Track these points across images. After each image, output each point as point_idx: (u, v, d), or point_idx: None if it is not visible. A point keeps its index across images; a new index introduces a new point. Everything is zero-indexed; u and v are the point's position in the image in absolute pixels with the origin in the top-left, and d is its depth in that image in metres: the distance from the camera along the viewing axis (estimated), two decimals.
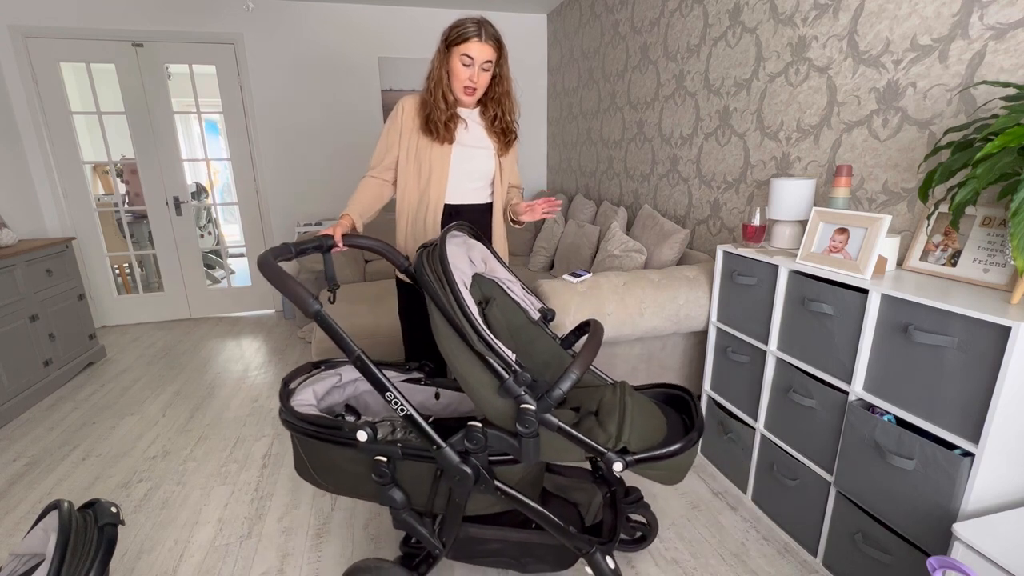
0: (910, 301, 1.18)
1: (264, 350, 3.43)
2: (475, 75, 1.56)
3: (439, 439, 1.10)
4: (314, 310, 1.02)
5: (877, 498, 1.30)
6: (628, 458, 1.05)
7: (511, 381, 1.01)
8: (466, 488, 1.12)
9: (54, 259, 2.97)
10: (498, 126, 1.69)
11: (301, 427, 1.18)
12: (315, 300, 1.02)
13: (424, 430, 1.10)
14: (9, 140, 3.36)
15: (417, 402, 1.50)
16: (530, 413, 1.00)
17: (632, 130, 3.12)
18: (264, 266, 1.06)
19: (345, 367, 1.45)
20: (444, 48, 1.57)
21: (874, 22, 1.58)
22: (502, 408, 1.05)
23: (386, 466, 1.14)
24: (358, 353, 1.06)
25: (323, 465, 1.23)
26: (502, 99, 1.67)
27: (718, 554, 1.59)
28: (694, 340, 2.16)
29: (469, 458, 1.10)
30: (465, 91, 1.58)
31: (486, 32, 1.54)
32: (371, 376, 1.08)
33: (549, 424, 1.03)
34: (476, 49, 1.53)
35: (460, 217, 1.70)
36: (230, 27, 3.68)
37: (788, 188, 1.66)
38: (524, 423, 1.01)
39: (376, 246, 1.47)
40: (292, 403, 1.25)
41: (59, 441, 2.34)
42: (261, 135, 3.93)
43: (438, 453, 1.10)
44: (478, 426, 1.07)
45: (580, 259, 2.88)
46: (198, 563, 1.61)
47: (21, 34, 3.34)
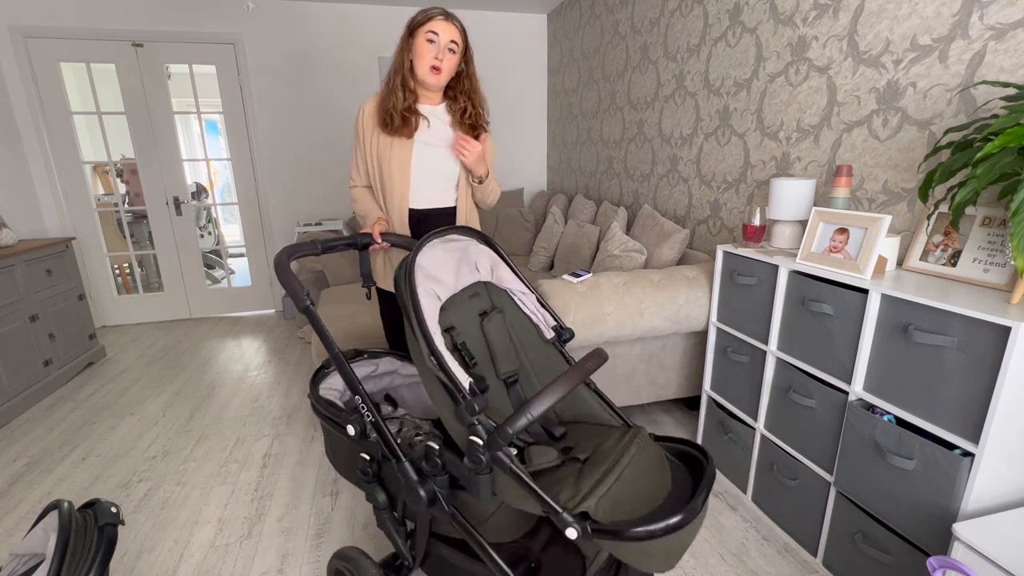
0: (910, 301, 1.18)
1: (264, 350, 3.43)
2: (441, 53, 1.51)
3: (400, 453, 1.07)
4: (303, 305, 1.08)
5: (877, 498, 1.30)
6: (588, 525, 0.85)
7: (462, 408, 0.92)
8: (418, 506, 1.07)
9: (54, 259, 2.97)
10: (468, 119, 1.63)
11: (317, 409, 1.26)
12: (306, 297, 1.08)
13: (386, 439, 1.07)
14: (9, 140, 3.36)
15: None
16: (478, 448, 0.90)
17: (632, 130, 3.12)
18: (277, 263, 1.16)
19: (384, 358, 1.48)
20: (407, 35, 1.55)
21: (874, 22, 1.58)
22: (460, 433, 0.97)
23: (369, 464, 1.15)
24: (336, 351, 1.10)
25: (334, 449, 1.31)
26: (470, 93, 1.63)
27: (718, 554, 1.59)
28: (694, 340, 2.16)
29: (427, 479, 1.05)
30: (432, 70, 1.52)
31: (452, 16, 1.53)
32: (344, 375, 1.11)
33: (500, 464, 0.89)
34: (441, 27, 1.51)
35: (427, 222, 1.66)
36: (230, 27, 3.68)
37: (788, 188, 1.66)
38: (472, 458, 0.91)
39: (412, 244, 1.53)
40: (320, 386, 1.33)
41: (59, 441, 2.34)
42: (261, 135, 3.93)
43: (398, 466, 1.07)
44: (435, 448, 1.00)
45: (580, 259, 2.88)
46: (198, 563, 1.61)
47: (21, 34, 3.34)
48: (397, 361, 1.50)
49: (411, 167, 1.61)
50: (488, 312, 1.29)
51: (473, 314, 1.26)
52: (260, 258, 4.21)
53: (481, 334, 1.27)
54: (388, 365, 1.48)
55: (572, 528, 0.84)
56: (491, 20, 4.17)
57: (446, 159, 1.64)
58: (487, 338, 1.27)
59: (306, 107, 3.98)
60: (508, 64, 4.32)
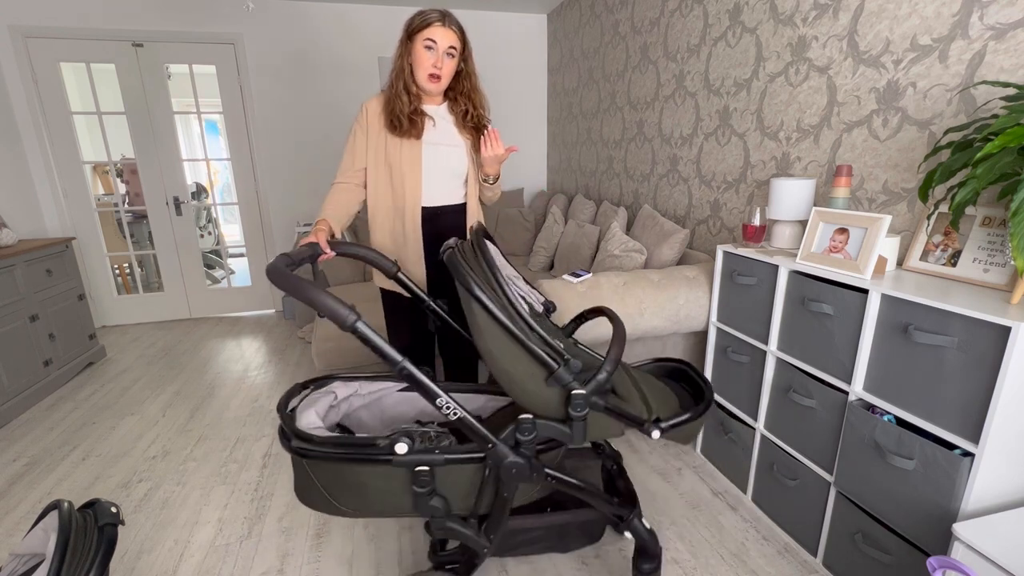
0: (910, 301, 1.18)
1: (264, 350, 3.43)
2: (439, 60, 1.51)
3: (492, 436, 1.11)
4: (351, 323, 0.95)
5: (877, 498, 1.30)
6: (663, 425, 1.13)
7: (562, 370, 1.06)
8: (522, 479, 1.13)
9: (54, 259, 2.97)
10: (470, 121, 1.64)
11: (323, 452, 1.10)
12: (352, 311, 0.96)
13: (478, 430, 1.10)
14: (9, 140, 3.36)
15: (418, 409, 1.49)
16: (581, 398, 1.06)
17: (632, 130, 3.12)
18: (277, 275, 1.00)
19: (335, 383, 1.37)
20: (406, 38, 1.53)
21: (874, 22, 1.58)
22: (548, 397, 1.10)
23: (427, 474, 1.11)
24: (401, 363, 1.01)
25: (347, 488, 1.14)
26: (471, 94, 1.63)
27: (718, 554, 1.59)
28: (694, 340, 2.16)
29: (520, 450, 1.13)
30: (430, 78, 1.52)
31: (449, 19, 1.51)
32: (419, 384, 1.05)
33: (597, 406, 1.09)
34: (439, 33, 1.49)
35: (438, 220, 1.67)
36: (230, 27, 3.68)
37: (788, 188, 1.66)
38: (576, 407, 1.07)
39: (363, 253, 1.47)
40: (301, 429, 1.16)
41: (59, 441, 2.34)
42: (261, 135, 3.93)
43: (492, 450, 1.11)
44: (529, 417, 1.11)
45: (580, 259, 2.88)
46: (198, 563, 1.61)
47: (21, 34, 3.34)
48: (352, 383, 1.41)
49: (422, 167, 1.61)
50: None
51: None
52: (260, 258, 4.21)
53: None
54: (344, 390, 1.39)
55: (656, 430, 1.12)
56: (491, 20, 4.17)
57: (454, 157, 1.65)
58: None
59: (306, 107, 3.98)
60: (508, 64, 4.32)
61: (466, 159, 1.67)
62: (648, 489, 1.90)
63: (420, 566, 1.57)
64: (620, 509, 1.33)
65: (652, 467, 2.02)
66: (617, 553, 1.60)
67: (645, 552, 1.36)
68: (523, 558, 1.58)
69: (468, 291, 1.06)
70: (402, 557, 1.61)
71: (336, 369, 2.45)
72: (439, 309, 1.57)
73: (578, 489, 1.26)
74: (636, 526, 1.34)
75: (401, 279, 1.54)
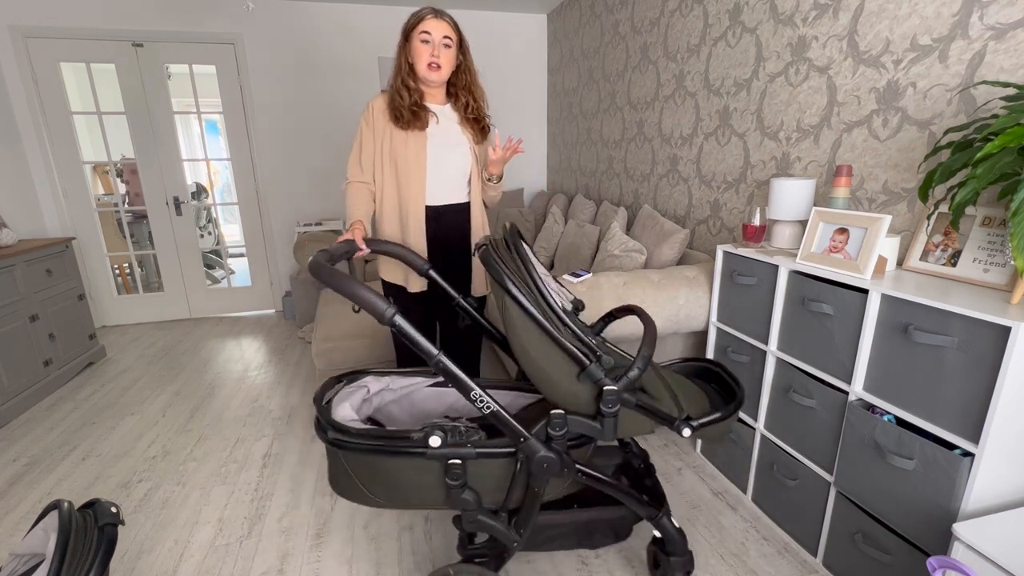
0: (910, 301, 1.18)
1: (264, 350, 3.43)
2: (436, 50, 1.56)
3: (524, 431, 1.12)
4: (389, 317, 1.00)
5: (877, 498, 1.30)
6: (694, 423, 1.14)
7: (593, 366, 1.07)
8: (553, 473, 1.14)
9: (54, 259, 2.97)
10: (471, 114, 1.68)
11: (359, 444, 1.12)
12: (391, 306, 1.01)
13: (510, 424, 1.11)
14: (9, 140, 3.36)
15: (447, 405, 1.49)
16: (612, 394, 1.07)
17: (632, 130, 3.12)
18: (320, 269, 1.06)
19: (367, 378, 1.41)
20: (403, 39, 1.59)
21: (874, 22, 1.58)
22: (580, 393, 1.11)
23: (460, 467, 1.13)
24: (437, 357, 1.05)
25: (380, 479, 1.16)
26: (471, 87, 1.67)
27: (718, 554, 1.59)
28: (694, 340, 2.16)
29: (552, 444, 1.14)
30: (430, 67, 1.57)
31: (441, 12, 1.57)
32: (454, 377, 1.07)
33: (628, 402, 1.11)
34: (432, 24, 1.55)
35: (442, 219, 1.69)
36: (230, 27, 3.68)
37: (788, 188, 1.66)
38: (608, 403, 1.08)
39: (396, 250, 1.55)
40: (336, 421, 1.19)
41: (59, 441, 2.34)
42: (261, 135, 3.93)
43: (524, 444, 1.12)
44: (560, 413, 1.12)
45: (580, 259, 2.88)
46: (198, 563, 1.61)
47: (21, 34, 3.34)
48: (384, 378, 1.45)
49: (427, 163, 1.63)
50: None
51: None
52: (260, 258, 4.21)
53: None
54: (376, 384, 1.42)
55: (687, 428, 1.13)
56: (491, 20, 4.16)
57: (459, 156, 1.68)
58: None
59: (306, 107, 3.98)
60: (508, 64, 4.32)
61: (470, 157, 1.69)
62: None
63: (420, 566, 1.57)
64: (649, 507, 1.34)
65: None
66: (617, 554, 1.60)
67: (674, 551, 1.36)
68: (526, 562, 1.58)
69: (503, 287, 1.07)
70: (402, 557, 1.61)
71: (336, 369, 2.46)
72: (469, 307, 1.60)
73: (608, 485, 1.26)
74: (665, 524, 1.34)
75: (433, 276, 1.58)
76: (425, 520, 1.77)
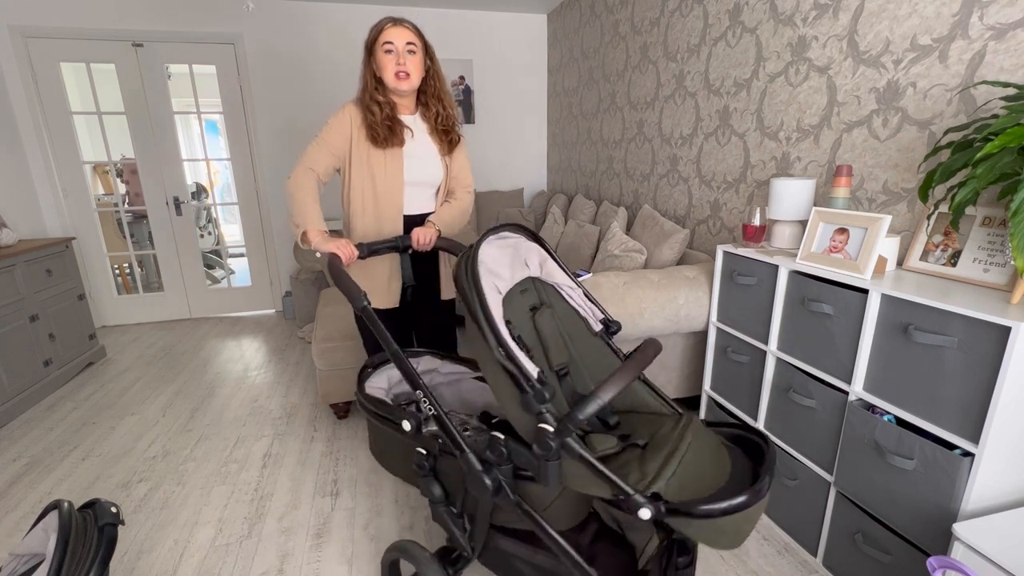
0: (910, 301, 1.18)
1: (264, 350, 3.43)
2: (402, 58, 1.54)
3: (464, 444, 1.07)
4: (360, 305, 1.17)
5: (877, 498, 1.30)
6: (660, 505, 0.87)
7: (530, 396, 0.92)
8: (483, 495, 1.09)
9: (54, 259, 2.97)
10: (440, 124, 1.67)
11: (367, 408, 1.29)
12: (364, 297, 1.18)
13: (450, 432, 1.09)
14: (9, 140, 3.36)
15: (486, 401, 1.48)
16: (548, 435, 0.91)
17: (632, 130, 3.12)
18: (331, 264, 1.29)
19: (424, 357, 1.51)
20: (367, 55, 1.58)
21: (874, 22, 1.58)
22: (527, 423, 0.97)
23: (425, 458, 1.17)
24: (395, 348, 1.14)
25: (382, 446, 1.34)
26: (440, 95, 1.66)
27: (718, 554, 1.59)
28: (694, 340, 2.16)
29: (491, 469, 1.06)
30: (398, 76, 1.55)
31: (400, 20, 1.57)
32: (404, 372, 1.14)
33: (570, 450, 0.91)
34: (393, 33, 1.53)
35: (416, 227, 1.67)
36: (230, 27, 3.68)
37: (788, 188, 1.66)
38: (542, 444, 0.92)
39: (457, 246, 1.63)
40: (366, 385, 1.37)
41: (59, 441, 2.34)
42: (261, 135, 3.93)
43: (462, 457, 1.08)
44: (500, 437, 1.03)
45: (580, 259, 2.88)
46: (198, 563, 1.61)
47: (21, 34, 3.34)
48: (437, 360, 1.51)
49: (403, 180, 1.65)
50: (538, 307, 1.29)
51: (525, 309, 1.27)
52: (260, 258, 4.22)
53: (533, 328, 1.27)
54: (428, 364, 1.51)
55: (646, 508, 0.86)
56: (491, 20, 4.16)
57: (431, 168, 1.69)
58: (539, 332, 1.27)
59: (306, 107, 3.98)
60: (508, 64, 4.32)
61: (440, 167, 1.71)
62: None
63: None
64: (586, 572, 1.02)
65: None
66: None
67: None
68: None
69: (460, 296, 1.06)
70: None
71: (336, 368, 2.45)
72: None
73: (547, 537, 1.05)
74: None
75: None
76: (425, 520, 1.77)
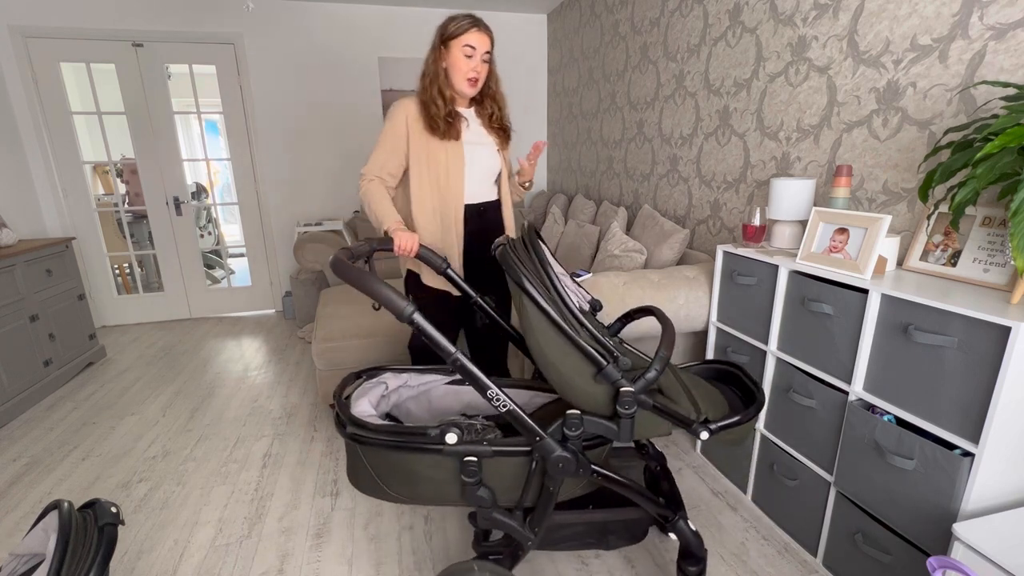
0: (910, 301, 1.18)
1: (264, 350, 3.43)
2: (478, 65, 1.58)
3: (540, 430, 1.12)
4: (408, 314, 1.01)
5: (877, 498, 1.30)
6: (712, 427, 1.12)
7: (611, 367, 1.06)
8: (568, 473, 1.14)
9: (54, 259, 2.97)
10: (496, 122, 1.72)
11: (377, 440, 1.13)
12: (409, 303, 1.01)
13: (526, 422, 1.11)
14: (9, 140, 3.36)
15: (464, 403, 1.49)
16: (629, 395, 1.06)
17: (632, 130, 3.12)
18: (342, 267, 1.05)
19: (386, 374, 1.41)
20: (441, 44, 1.57)
21: (874, 22, 1.58)
22: (596, 394, 1.10)
23: (475, 465, 1.13)
24: (455, 355, 1.05)
25: (398, 475, 1.18)
26: (495, 95, 1.71)
27: (718, 554, 1.59)
28: (694, 340, 2.16)
29: (567, 444, 1.13)
30: (469, 82, 1.59)
31: (482, 24, 1.57)
32: (471, 375, 1.08)
33: (645, 404, 1.09)
34: (476, 39, 1.55)
35: (483, 216, 1.73)
36: (230, 27, 3.68)
37: (788, 188, 1.66)
38: (624, 404, 1.07)
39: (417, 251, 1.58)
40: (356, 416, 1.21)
41: (59, 441, 2.34)
42: (261, 135, 3.93)
43: (539, 443, 1.12)
44: (576, 413, 1.12)
45: (580, 259, 2.88)
46: (198, 563, 1.61)
47: (21, 34, 3.34)
48: (402, 375, 1.45)
49: (464, 168, 1.66)
50: None
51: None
52: (260, 258, 4.21)
53: None
54: (395, 381, 1.43)
55: (705, 431, 1.11)
56: (491, 20, 4.10)
57: (489, 156, 1.72)
58: None
59: (306, 107, 3.98)
60: (508, 64, 4.31)
61: (498, 157, 1.74)
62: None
63: (420, 566, 1.57)
64: (665, 509, 1.33)
65: None
66: (617, 554, 1.59)
67: (690, 554, 1.35)
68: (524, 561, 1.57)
69: (520, 286, 1.07)
70: (402, 557, 1.61)
71: (337, 369, 2.45)
72: (487, 305, 1.60)
73: (624, 487, 1.25)
74: (681, 527, 1.33)
75: (451, 276, 1.59)
76: (425, 520, 1.77)
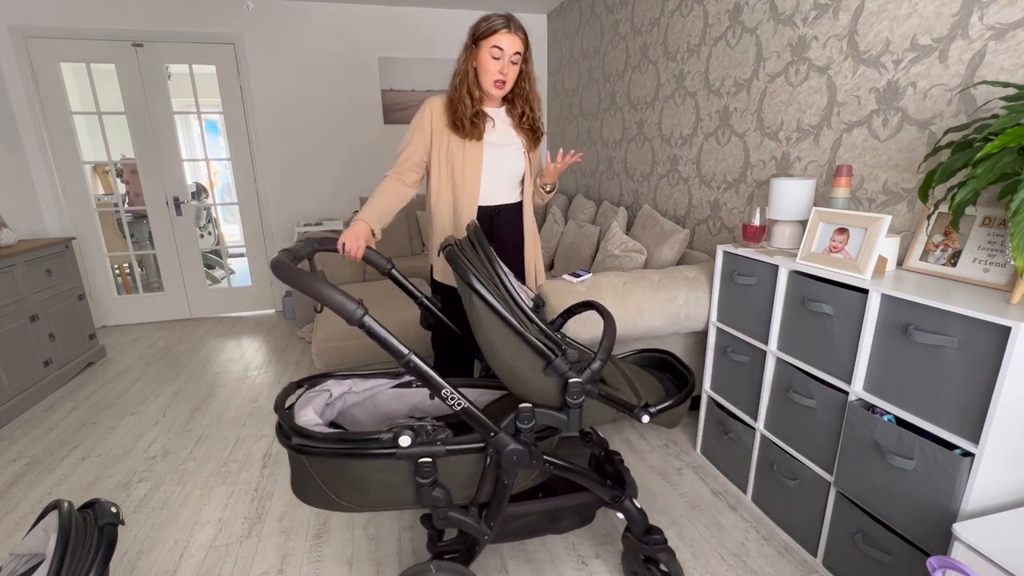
0: (910, 301, 1.18)
1: (264, 350, 3.43)
2: (505, 67, 1.55)
3: (494, 425, 1.14)
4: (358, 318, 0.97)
5: (877, 498, 1.30)
6: (652, 411, 1.20)
7: (559, 360, 1.11)
8: (522, 465, 1.16)
9: (54, 259, 2.97)
10: (526, 123, 1.69)
11: (325, 448, 1.11)
12: (360, 306, 0.97)
13: (480, 419, 1.13)
14: (9, 140, 3.36)
15: (411, 405, 1.50)
16: (577, 386, 1.11)
17: (632, 130, 3.12)
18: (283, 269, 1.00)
19: (329, 382, 1.38)
20: (472, 43, 1.57)
21: (874, 22, 1.58)
22: (546, 386, 1.15)
23: (430, 465, 1.14)
24: (407, 356, 1.03)
25: (348, 483, 1.15)
26: (529, 96, 1.66)
27: (718, 554, 1.59)
28: (694, 340, 2.16)
29: (520, 437, 1.17)
30: (495, 84, 1.57)
31: (515, 24, 1.54)
32: (424, 376, 1.07)
33: (591, 393, 1.16)
34: (506, 40, 1.52)
35: (498, 218, 1.72)
36: (230, 27, 3.68)
37: (788, 188, 1.66)
38: (573, 395, 1.12)
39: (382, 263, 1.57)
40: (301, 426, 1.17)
41: (59, 441, 2.34)
42: (261, 135, 3.93)
43: (494, 439, 1.15)
44: (528, 406, 1.15)
45: (580, 259, 2.88)
46: (198, 563, 1.61)
47: (21, 34, 3.34)
48: (346, 381, 1.43)
49: (482, 169, 1.65)
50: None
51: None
52: (260, 258, 4.21)
53: None
54: (338, 388, 1.40)
55: (646, 415, 1.18)
56: None
57: (512, 158, 1.69)
58: None
59: (306, 107, 3.98)
60: None
61: (523, 159, 1.72)
62: (648, 489, 1.90)
63: None
64: (613, 490, 1.39)
65: (652, 467, 2.02)
66: (617, 555, 1.60)
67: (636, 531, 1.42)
68: (525, 561, 1.59)
69: (469, 285, 1.09)
70: (402, 557, 1.61)
71: (335, 368, 2.46)
72: (432, 306, 1.60)
73: (575, 473, 1.31)
74: (627, 506, 1.40)
75: (395, 276, 1.57)
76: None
